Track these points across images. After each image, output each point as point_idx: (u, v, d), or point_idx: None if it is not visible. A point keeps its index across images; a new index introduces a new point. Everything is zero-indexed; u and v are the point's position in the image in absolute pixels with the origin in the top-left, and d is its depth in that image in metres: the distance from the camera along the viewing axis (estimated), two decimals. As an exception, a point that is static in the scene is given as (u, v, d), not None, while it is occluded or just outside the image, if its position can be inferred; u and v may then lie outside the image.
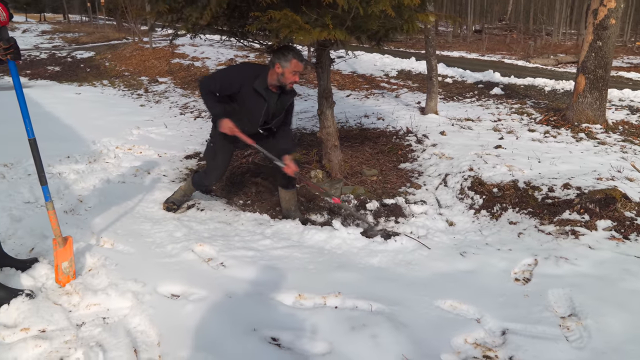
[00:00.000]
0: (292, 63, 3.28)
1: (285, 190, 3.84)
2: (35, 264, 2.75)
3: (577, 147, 5.26)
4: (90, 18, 39.92)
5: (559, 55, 17.49)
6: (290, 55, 3.27)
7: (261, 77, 3.36)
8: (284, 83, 3.36)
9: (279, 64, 3.28)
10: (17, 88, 2.50)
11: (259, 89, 3.34)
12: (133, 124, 7.03)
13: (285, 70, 3.29)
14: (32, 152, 2.56)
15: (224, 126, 3.38)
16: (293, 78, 3.34)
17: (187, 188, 3.96)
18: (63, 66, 14.62)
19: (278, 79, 3.34)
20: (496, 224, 3.72)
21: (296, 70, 3.32)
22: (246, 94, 3.37)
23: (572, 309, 2.46)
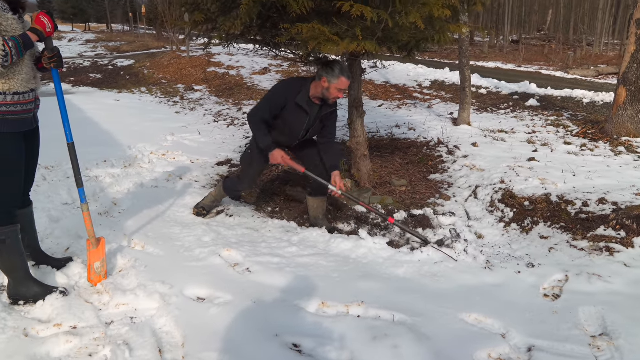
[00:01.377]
0: (340, 80, 3.28)
1: (314, 198, 3.87)
2: (69, 263, 2.86)
3: (615, 161, 5.10)
4: (132, 27, 41.36)
5: (600, 66, 16.99)
6: (338, 72, 3.27)
7: (303, 91, 3.39)
8: (327, 97, 3.38)
9: (325, 79, 3.29)
10: (58, 94, 2.62)
11: (301, 103, 3.38)
12: (168, 131, 7.22)
13: (332, 86, 3.30)
14: (70, 155, 2.68)
15: (276, 157, 3.43)
16: (337, 94, 3.35)
17: (217, 194, 4.01)
18: (104, 74, 15.16)
19: (322, 92, 3.36)
20: (526, 238, 3.63)
21: (342, 88, 3.33)
22: (290, 108, 3.41)
23: (603, 328, 2.38)
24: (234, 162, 5.82)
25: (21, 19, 2.38)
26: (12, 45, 2.14)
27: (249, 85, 11.63)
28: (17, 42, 2.18)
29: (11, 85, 2.26)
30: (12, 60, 2.17)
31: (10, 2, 2.29)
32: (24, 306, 2.47)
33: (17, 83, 2.28)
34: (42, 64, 2.47)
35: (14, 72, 2.26)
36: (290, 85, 3.51)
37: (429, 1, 3.57)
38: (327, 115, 3.56)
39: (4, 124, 2.29)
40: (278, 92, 3.50)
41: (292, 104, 3.39)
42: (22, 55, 2.23)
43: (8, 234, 2.42)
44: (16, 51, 2.17)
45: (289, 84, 3.54)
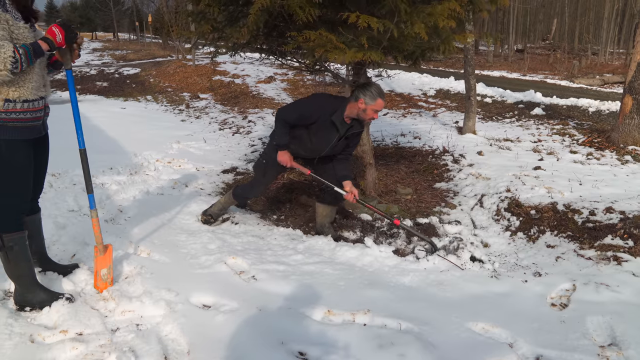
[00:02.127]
0: (377, 102, 3.33)
1: (324, 205, 3.86)
2: (75, 270, 2.86)
3: (622, 170, 5.08)
4: (138, 36, 41.70)
5: (605, 75, 16.96)
6: (376, 94, 3.32)
7: (339, 110, 3.41)
8: (362, 118, 3.41)
9: (363, 100, 3.32)
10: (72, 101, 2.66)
11: (336, 121, 3.40)
12: (173, 138, 7.25)
13: (368, 107, 3.33)
14: (82, 161, 2.69)
15: (283, 158, 3.50)
16: (373, 115, 3.39)
17: (226, 201, 3.99)
18: (110, 82, 15.27)
19: (358, 113, 3.38)
20: (533, 246, 3.62)
21: (378, 109, 3.37)
22: (321, 124, 3.43)
23: (612, 338, 2.36)
24: (239, 169, 5.83)
25: (33, 27, 2.40)
26: (22, 53, 2.16)
27: (254, 94, 11.69)
28: (28, 49, 2.20)
29: (21, 93, 2.28)
30: (21, 68, 2.19)
31: (22, 11, 2.32)
32: (30, 312, 2.48)
33: (27, 91, 2.30)
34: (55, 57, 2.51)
35: (24, 80, 2.28)
36: (329, 102, 3.51)
37: (434, 11, 3.59)
38: (354, 134, 3.58)
39: (14, 131, 2.31)
40: (314, 105, 3.49)
41: (326, 121, 3.41)
42: (32, 63, 2.25)
43: (16, 241, 2.43)
44: (26, 58, 2.19)
45: (327, 101, 3.53)
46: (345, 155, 3.68)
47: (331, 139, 3.48)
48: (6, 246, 2.41)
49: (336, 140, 3.50)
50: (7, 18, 2.16)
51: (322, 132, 3.45)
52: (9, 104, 2.25)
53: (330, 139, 3.48)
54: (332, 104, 3.45)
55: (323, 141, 3.49)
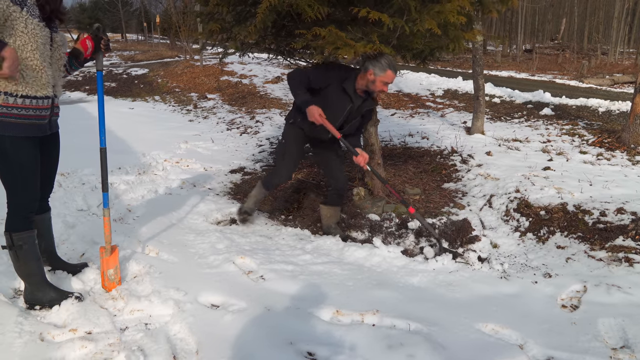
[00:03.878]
0: (387, 73, 3.20)
1: (328, 207, 3.85)
2: (85, 269, 2.88)
3: (633, 171, 5.02)
4: (146, 37, 41.91)
5: (616, 75, 16.80)
6: (385, 64, 3.19)
7: (350, 79, 3.32)
8: (372, 90, 3.31)
9: (372, 71, 3.21)
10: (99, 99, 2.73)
11: (348, 89, 3.31)
12: (181, 138, 7.27)
13: (377, 79, 3.22)
14: (101, 160, 2.72)
15: (314, 113, 3.28)
16: (382, 87, 3.27)
17: (257, 193, 3.93)
18: (119, 82, 15.35)
19: (367, 84, 3.28)
20: (543, 247, 3.58)
21: (388, 82, 3.25)
22: (333, 91, 3.32)
23: (624, 340, 2.33)
24: (247, 169, 5.84)
25: (54, 28, 2.43)
26: None
27: (261, 94, 11.70)
28: None
29: (18, 88, 2.27)
30: None
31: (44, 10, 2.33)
32: (40, 311, 2.49)
33: (28, 86, 2.30)
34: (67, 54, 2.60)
35: (28, 76, 2.28)
36: (338, 69, 3.41)
37: (443, 9, 3.57)
38: (367, 111, 3.49)
39: (16, 127, 2.30)
40: (324, 69, 3.40)
41: (337, 87, 3.29)
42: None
43: (25, 239, 2.44)
44: None
45: (338, 68, 3.43)
46: (357, 133, 3.61)
47: (344, 108, 3.38)
48: (16, 245, 2.43)
49: (349, 111, 3.40)
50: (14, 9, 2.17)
51: (335, 100, 3.35)
52: (8, 97, 2.25)
53: (343, 107, 3.38)
54: (342, 71, 3.37)
55: (337, 109, 3.39)
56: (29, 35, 2.23)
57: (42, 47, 2.30)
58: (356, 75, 3.32)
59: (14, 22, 2.18)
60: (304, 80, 3.35)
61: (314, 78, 3.35)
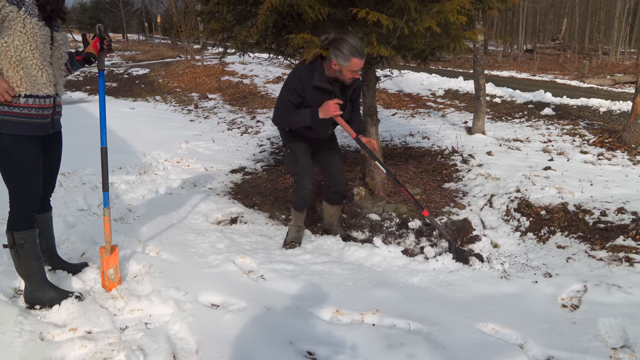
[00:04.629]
0: (352, 62, 2.98)
1: (331, 205, 3.84)
2: (85, 268, 2.88)
3: (633, 171, 5.02)
4: (147, 37, 41.94)
5: (617, 75, 16.77)
6: (348, 53, 2.96)
7: (317, 72, 3.12)
8: (341, 79, 3.13)
9: (335, 62, 3.01)
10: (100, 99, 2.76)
11: (319, 84, 3.11)
12: (182, 138, 7.27)
13: (344, 69, 3.03)
14: (102, 159, 2.73)
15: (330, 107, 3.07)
16: (353, 75, 3.07)
17: (295, 220, 3.70)
18: (120, 82, 15.36)
19: (336, 74, 3.10)
20: (543, 247, 3.58)
21: (355, 69, 3.03)
22: (311, 95, 3.16)
23: (624, 340, 2.33)
24: (247, 169, 5.84)
25: (55, 27, 2.43)
26: None
27: (262, 94, 11.70)
28: None
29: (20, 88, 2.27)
30: None
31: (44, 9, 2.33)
32: (40, 310, 2.49)
33: (31, 86, 2.30)
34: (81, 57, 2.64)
35: (29, 75, 2.28)
36: (299, 71, 3.21)
37: (443, 9, 3.57)
38: (353, 91, 3.29)
39: (18, 126, 2.30)
40: (291, 82, 3.20)
41: (310, 89, 3.13)
42: None
43: (26, 239, 2.44)
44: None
45: (297, 71, 3.22)
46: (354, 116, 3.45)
47: None
48: (17, 244, 2.43)
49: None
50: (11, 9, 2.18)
51: (317, 101, 3.15)
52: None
53: None
54: (305, 71, 3.16)
55: None
56: (27, 35, 2.23)
57: (42, 46, 2.31)
58: (322, 65, 3.13)
59: (12, 22, 2.19)
60: (288, 109, 3.22)
61: (291, 99, 3.19)
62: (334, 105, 3.08)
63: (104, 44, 2.63)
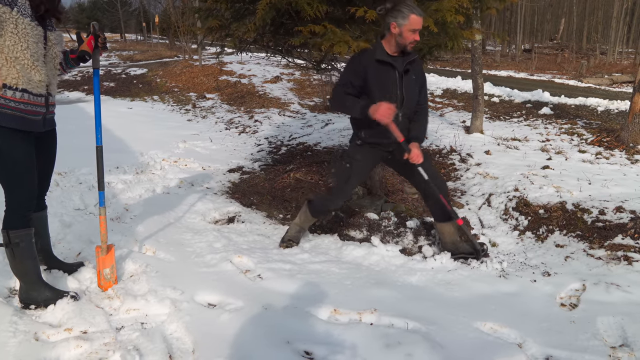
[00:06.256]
0: (411, 19, 2.88)
1: (442, 223, 3.40)
2: (81, 268, 2.86)
3: (632, 170, 5.01)
4: (145, 37, 41.87)
5: (614, 75, 16.80)
6: (406, 11, 2.88)
7: (378, 49, 3.03)
8: (403, 44, 2.97)
9: (395, 23, 2.91)
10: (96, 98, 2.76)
11: (382, 57, 3.00)
12: (180, 138, 7.25)
13: (403, 29, 2.90)
14: (97, 158, 2.70)
15: (384, 110, 2.88)
16: (413, 37, 2.94)
17: (303, 220, 3.58)
18: (117, 82, 15.32)
19: (396, 41, 2.97)
20: (542, 246, 3.57)
21: (415, 28, 2.91)
22: (373, 72, 3.02)
23: (623, 338, 2.32)
24: (245, 169, 5.82)
25: (49, 27, 2.41)
26: None
27: (260, 94, 11.67)
28: None
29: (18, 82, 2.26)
30: None
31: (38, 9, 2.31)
32: (35, 310, 2.47)
33: (27, 81, 2.29)
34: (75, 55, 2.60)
35: (25, 69, 2.27)
36: (361, 52, 3.14)
37: (441, 7, 3.56)
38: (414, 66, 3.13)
39: (10, 118, 2.29)
40: (352, 63, 3.11)
41: (373, 66, 3.01)
42: None
43: (22, 237, 2.42)
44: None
45: (359, 53, 3.15)
46: (422, 104, 3.25)
47: (394, 78, 3.04)
48: (12, 243, 2.41)
49: (400, 79, 3.05)
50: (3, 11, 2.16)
51: (380, 78, 3.03)
52: (6, 90, 2.25)
53: (392, 77, 3.04)
54: (366, 51, 3.11)
55: (388, 86, 3.04)
56: (19, 36, 2.22)
57: (34, 45, 2.29)
58: (381, 43, 3.04)
59: (4, 24, 2.17)
60: (347, 88, 3.07)
61: (352, 76, 3.07)
62: (387, 108, 2.89)
63: (98, 42, 2.60)
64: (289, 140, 7.37)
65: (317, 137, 7.37)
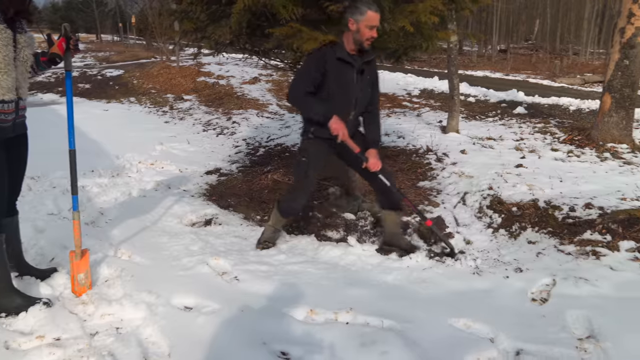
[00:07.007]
0: (368, 15, 2.94)
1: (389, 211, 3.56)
2: (54, 274, 2.82)
3: (601, 167, 5.15)
4: (122, 38, 41.27)
5: (586, 75, 17.21)
6: (364, 7, 2.94)
7: (338, 47, 3.08)
8: (360, 40, 3.03)
9: (352, 20, 2.98)
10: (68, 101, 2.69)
11: (343, 56, 3.06)
12: (156, 140, 7.18)
13: (360, 25, 2.97)
14: (70, 161, 2.67)
15: (337, 126, 3.03)
16: (370, 33, 2.99)
17: (275, 222, 3.60)
18: (93, 83, 15.06)
19: (354, 37, 3.03)
20: (514, 243, 3.65)
21: (372, 25, 2.97)
22: (333, 70, 3.08)
23: (590, 330, 2.39)
24: (223, 170, 5.80)
25: (19, 29, 2.38)
26: None
27: (238, 95, 11.63)
28: None
29: None
30: None
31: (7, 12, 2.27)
32: (6, 318, 2.42)
33: None
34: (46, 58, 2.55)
35: None
36: (322, 48, 3.17)
37: (416, 8, 3.61)
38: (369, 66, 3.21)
39: None
40: (313, 58, 3.15)
41: (334, 63, 3.06)
42: None
43: (-8, 243, 2.38)
44: None
45: (319, 49, 3.18)
46: (374, 106, 3.35)
47: (352, 77, 3.13)
48: (-18, 249, 2.37)
49: (358, 78, 3.15)
50: None
51: (340, 76, 3.11)
52: None
53: (351, 77, 3.13)
54: (327, 48, 3.14)
55: (346, 85, 3.14)
56: None
57: (4, 49, 2.26)
58: (342, 40, 3.10)
59: None
60: (306, 85, 3.12)
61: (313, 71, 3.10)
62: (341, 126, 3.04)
63: (70, 43, 2.56)
64: (267, 141, 7.37)
65: (295, 138, 7.38)
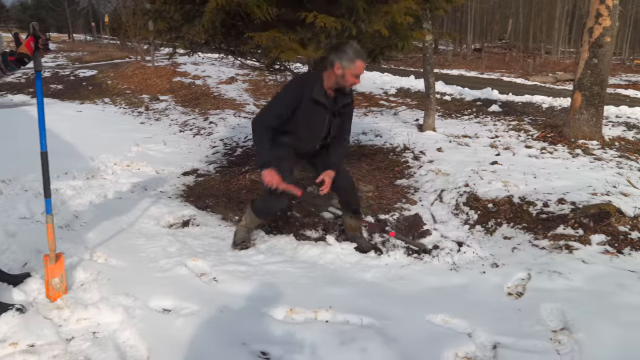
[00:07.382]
0: (356, 65, 2.91)
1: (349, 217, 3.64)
2: (27, 279, 2.75)
3: (573, 163, 5.28)
4: (95, 37, 40.49)
5: (558, 73, 17.62)
6: (353, 55, 2.89)
7: (317, 85, 3.03)
8: (342, 85, 3.02)
9: (339, 65, 2.91)
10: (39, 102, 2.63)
11: (318, 97, 3.02)
12: (132, 141, 7.07)
13: (347, 72, 2.92)
14: (42, 164, 2.61)
15: (267, 178, 3.03)
16: (354, 80, 2.99)
17: (249, 222, 3.56)
18: (65, 84, 14.75)
19: (337, 80, 2.99)
20: (490, 239, 3.71)
21: (358, 74, 2.96)
22: (307, 106, 3.04)
23: (564, 322, 2.45)
24: (200, 171, 5.75)
25: None
26: None
27: (215, 95, 11.54)
28: None
29: None
30: None
31: None
32: (-22, 325, 2.36)
33: None
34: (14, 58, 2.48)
35: None
36: (305, 78, 3.17)
37: (391, 10, 3.64)
38: (345, 107, 3.20)
39: None
40: (294, 87, 3.10)
41: (308, 102, 3.02)
42: None
43: (-40, 250, 2.32)
44: None
45: (304, 77, 3.18)
46: (340, 138, 3.32)
47: (324, 117, 3.12)
48: (-50, 256, 2.30)
49: (330, 118, 3.14)
50: None
51: (312, 114, 3.08)
52: None
53: (323, 117, 3.11)
54: (310, 80, 3.09)
55: (317, 123, 3.13)
56: None
57: None
58: (322, 76, 3.05)
59: None
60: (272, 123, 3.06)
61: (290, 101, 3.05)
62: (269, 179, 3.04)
63: (38, 43, 2.50)
64: (244, 141, 7.33)
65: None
